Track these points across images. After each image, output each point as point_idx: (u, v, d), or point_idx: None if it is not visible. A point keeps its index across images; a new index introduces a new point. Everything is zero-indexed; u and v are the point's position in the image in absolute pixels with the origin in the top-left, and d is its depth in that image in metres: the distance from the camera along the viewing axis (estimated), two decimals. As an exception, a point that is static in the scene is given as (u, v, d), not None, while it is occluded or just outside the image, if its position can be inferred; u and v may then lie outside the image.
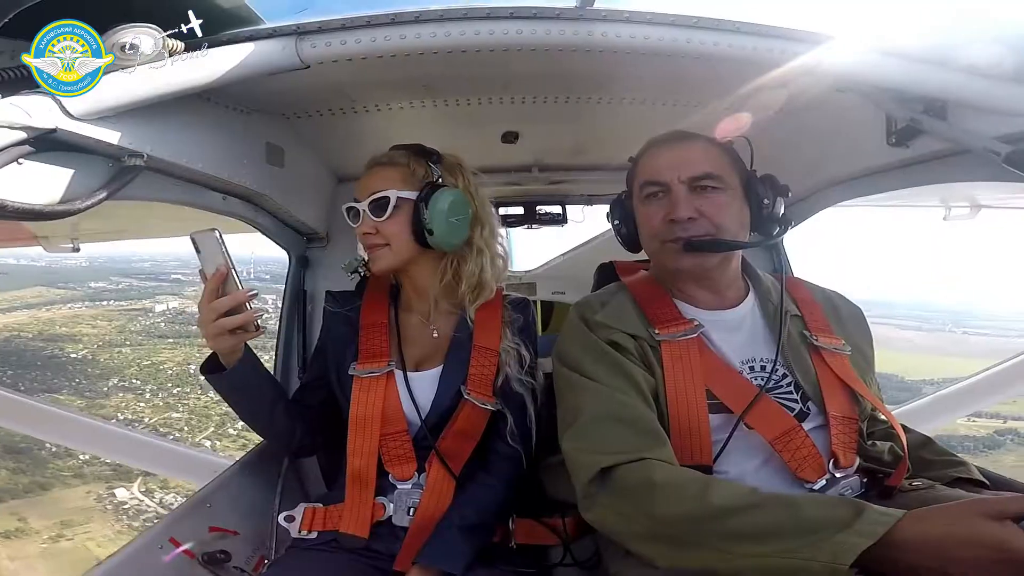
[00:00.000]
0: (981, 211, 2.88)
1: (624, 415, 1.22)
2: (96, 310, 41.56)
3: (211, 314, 1.32)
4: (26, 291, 43.71)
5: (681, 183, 1.35)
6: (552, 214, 3.06)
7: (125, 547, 1.48)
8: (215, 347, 1.38)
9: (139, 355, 34.16)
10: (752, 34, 1.40)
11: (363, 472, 1.48)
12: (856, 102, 1.62)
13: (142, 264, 55.36)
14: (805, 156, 2.08)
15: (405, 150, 1.59)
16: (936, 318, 57.60)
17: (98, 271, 50.49)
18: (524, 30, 1.37)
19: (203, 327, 1.34)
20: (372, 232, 1.51)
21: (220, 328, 1.33)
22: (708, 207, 1.34)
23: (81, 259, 55.45)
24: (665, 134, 1.47)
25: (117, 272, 50.46)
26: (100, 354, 33.96)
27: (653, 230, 1.39)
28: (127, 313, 40.75)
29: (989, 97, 1.36)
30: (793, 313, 1.43)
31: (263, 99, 1.78)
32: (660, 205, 1.37)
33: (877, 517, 0.89)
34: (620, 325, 1.37)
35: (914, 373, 36.17)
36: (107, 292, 45.40)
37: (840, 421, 1.29)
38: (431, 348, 1.60)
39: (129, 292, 45.58)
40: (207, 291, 1.33)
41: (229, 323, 1.33)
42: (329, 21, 1.36)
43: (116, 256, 62.38)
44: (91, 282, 47.02)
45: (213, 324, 1.32)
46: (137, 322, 39.33)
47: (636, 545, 1.13)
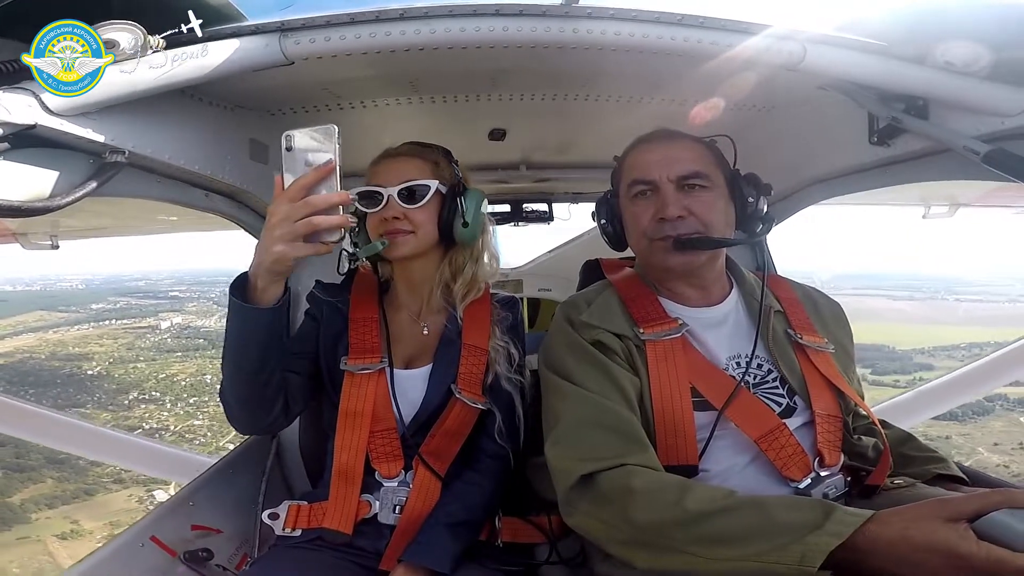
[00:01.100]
0: (960, 210, 2.93)
1: (606, 421, 1.22)
2: (101, 330, 42.95)
3: (303, 209, 1.10)
4: (28, 315, 45.66)
5: (670, 182, 1.36)
6: (538, 212, 3.08)
7: (105, 545, 1.47)
8: (280, 253, 1.13)
9: (153, 369, 35.76)
10: (736, 31, 1.41)
11: (350, 468, 1.47)
12: (839, 101, 1.64)
13: (136, 283, 56.98)
14: (788, 154, 2.09)
15: (429, 146, 1.60)
16: (927, 286, 58.53)
17: (95, 292, 52.45)
18: (510, 27, 1.37)
19: (279, 226, 1.11)
20: (400, 217, 1.49)
21: (308, 227, 1.11)
22: (696, 205, 1.35)
23: (78, 282, 59.67)
24: (652, 133, 1.48)
25: (113, 292, 52.30)
26: (115, 370, 35.57)
27: (642, 228, 1.40)
28: (133, 331, 42.31)
29: (968, 96, 1.39)
30: (776, 309, 1.44)
31: (247, 95, 1.76)
32: (649, 203, 1.38)
33: (844, 518, 0.91)
34: (606, 324, 1.38)
35: (905, 343, 36.75)
36: (107, 312, 46.95)
37: (825, 419, 1.30)
38: (420, 346, 1.60)
39: (129, 310, 47.09)
40: (300, 185, 1.11)
41: (325, 222, 1.11)
42: (313, 18, 1.35)
43: (110, 277, 64.97)
44: (91, 304, 48.73)
45: (299, 223, 1.10)
46: (146, 339, 41.04)
47: (616, 550, 1.14)
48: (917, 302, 52.50)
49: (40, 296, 49.86)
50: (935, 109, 1.48)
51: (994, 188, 2.34)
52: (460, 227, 1.52)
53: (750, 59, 1.45)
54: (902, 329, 42.78)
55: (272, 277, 1.20)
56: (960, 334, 39.76)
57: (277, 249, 1.12)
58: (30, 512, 19.69)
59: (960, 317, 45.87)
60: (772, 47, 1.42)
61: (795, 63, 1.43)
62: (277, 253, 1.13)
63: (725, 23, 1.40)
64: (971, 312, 48.21)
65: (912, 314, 48.68)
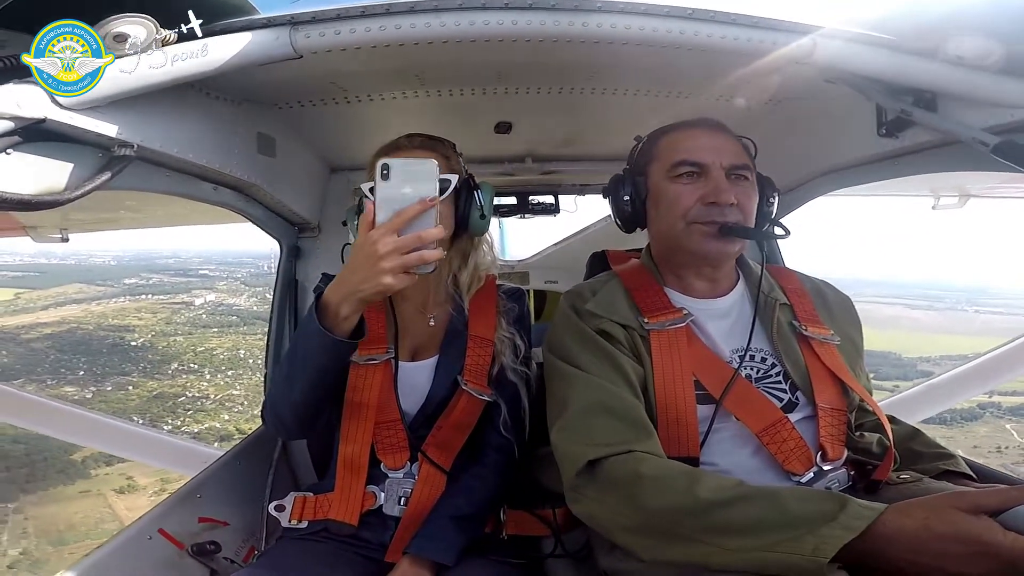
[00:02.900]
0: (969, 200, 2.91)
1: (612, 406, 1.22)
2: (139, 303, 44.19)
3: (414, 242, 1.12)
4: (68, 287, 46.74)
5: (722, 168, 1.36)
6: (545, 204, 3.08)
7: (113, 538, 1.47)
8: (387, 285, 1.14)
9: (191, 343, 36.67)
10: (746, 25, 1.40)
11: (355, 459, 1.48)
12: (847, 93, 1.63)
13: (166, 261, 58.76)
14: (796, 146, 2.09)
15: (439, 140, 1.61)
16: (949, 297, 57.79)
17: (127, 268, 53.48)
18: (519, 20, 1.36)
19: (388, 258, 1.12)
20: None
21: (420, 260, 1.13)
22: (742, 197, 1.36)
23: (109, 258, 62.78)
24: (696, 119, 1.47)
25: (144, 269, 53.24)
26: (157, 342, 36.78)
27: (683, 209, 1.37)
28: (169, 306, 43.49)
29: (978, 89, 1.37)
30: (782, 302, 1.43)
31: (255, 89, 1.77)
32: (696, 186, 1.37)
33: (859, 511, 0.90)
34: (610, 314, 1.38)
35: (912, 351, 36.60)
36: (141, 287, 48.00)
37: (829, 412, 1.30)
38: (426, 337, 1.60)
39: (162, 287, 48.22)
40: (405, 218, 1.12)
41: (431, 256, 1.14)
42: (324, 11, 1.35)
43: (141, 253, 67.24)
44: (125, 279, 49.63)
45: (409, 256, 1.12)
46: (181, 314, 42.06)
47: (622, 538, 1.14)
48: (936, 312, 52.00)
49: (76, 269, 51.13)
50: (944, 101, 1.47)
51: (1004, 179, 2.33)
52: (477, 219, 1.53)
53: (760, 53, 1.44)
54: (914, 337, 42.58)
55: (362, 306, 1.22)
56: (971, 344, 39.87)
57: (386, 281, 1.14)
58: (90, 468, 20.67)
59: (976, 328, 45.60)
60: (782, 41, 1.41)
61: (804, 57, 1.42)
62: (385, 285, 1.14)
63: (736, 17, 1.39)
64: (989, 324, 47.53)
65: (928, 324, 48.27)
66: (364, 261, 1.14)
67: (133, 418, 23.76)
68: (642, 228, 1.52)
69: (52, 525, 18.10)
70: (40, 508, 19.11)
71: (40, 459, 20.24)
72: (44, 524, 18.14)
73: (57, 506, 19.43)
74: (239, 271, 51.52)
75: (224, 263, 56.41)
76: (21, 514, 18.48)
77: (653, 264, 1.50)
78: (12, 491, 19.25)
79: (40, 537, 17.39)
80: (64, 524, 18.29)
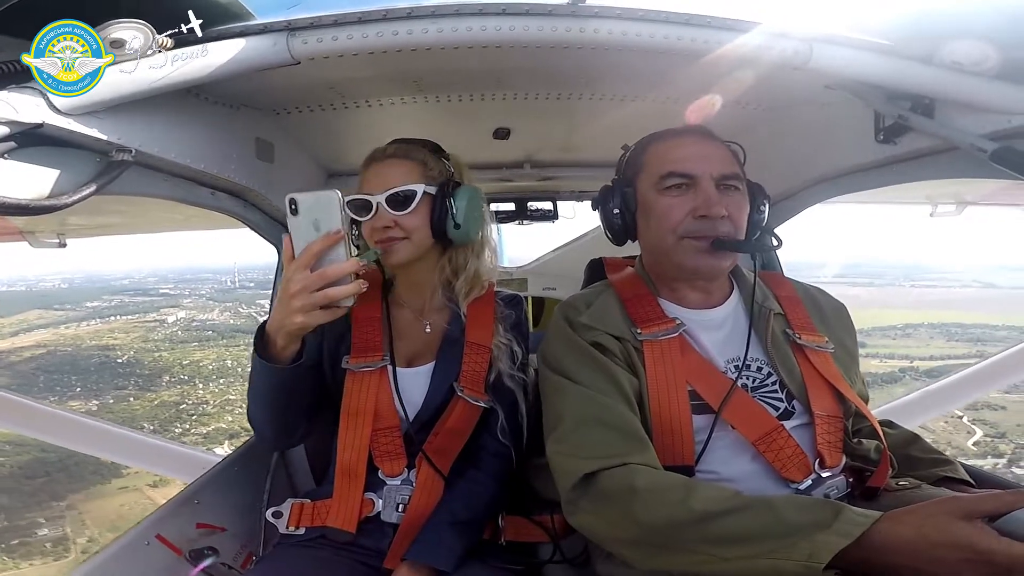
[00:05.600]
0: (967, 208, 2.91)
1: (607, 419, 1.21)
2: (110, 324, 45.38)
3: (319, 281, 1.12)
4: (28, 314, 47.51)
5: (712, 179, 1.31)
6: (543, 210, 3.09)
7: (111, 544, 1.47)
8: (301, 323, 1.15)
9: (176, 356, 37.94)
10: (744, 31, 1.41)
11: (353, 466, 1.47)
12: (844, 99, 1.64)
13: (121, 282, 59.57)
14: (793, 153, 2.09)
15: (416, 145, 1.57)
16: (889, 274, 60.31)
17: (82, 291, 54.71)
18: (516, 26, 1.36)
19: (298, 297, 1.12)
20: (391, 225, 1.47)
21: (326, 299, 1.13)
22: (733, 207, 1.31)
23: (59, 281, 63.80)
24: (683, 127, 1.44)
25: (103, 291, 54.47)
26: (143, 357, 37.97)
27: (673, 223, 1.33)
28: (142, 325, 44.87)
29: (976, 95, 1.38)
30: (776, 311, 1.42)
31: (253, 95, 1.77)
32: (685, 198, 1.32)
33: (854, 518, 0.91)
34: (604, 326, 1.37)
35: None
36: (108, 309, 48.81)
37: (825, 420, 1.29)
38: (423, 344, 1.60)
39: (127, 307, 49.05)
40: (312, 253, 1.12)
41: (340, 293, 1.13)
42: (321, 17, 1.35)
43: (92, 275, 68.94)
44: (86, 302, 50.61)
45: (316, 295, 1.12)
46: (156, 332, 43.41)
47: (619, 549, 1.14)
48: (876, 288, 53.41)
49: (30, 296, 52.02)
50: (942, 107, 1.47)
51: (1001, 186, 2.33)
52: (452, 228, 1.50)
53: (757, 58, 1.44)
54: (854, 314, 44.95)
55: (291, 339, 1.22)
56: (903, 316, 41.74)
57: (298, 320, 1.15)
58: (121, 468, 21.58)
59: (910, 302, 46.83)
60: (779, 46, 1.41)
61: (802, 62, 1.42)
62: (298, 324, 1.15)
63: (732, 23, 1.40)
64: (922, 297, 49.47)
65: (867, 300, 49.37)
66: (282, 297, 1.16)
67: (144, 425, 25.56)
68: (633, 240, 1.48)
69: (104, 516, 20.26)
70: (88, 504, 21.10)
71: (72, 464, 21.59)
72: (97, 516, 20.39)
73: (102, 501, 21.36)
74: (201, 287, 52.58)
75: (182, 280, 57.61)
76: (75, 510, 20.50)
77: (646, 274, 1.49)
78: (60, 492, 20.88)
79: (98, 527, 19.62)
80: (115, 515, 20.21)
